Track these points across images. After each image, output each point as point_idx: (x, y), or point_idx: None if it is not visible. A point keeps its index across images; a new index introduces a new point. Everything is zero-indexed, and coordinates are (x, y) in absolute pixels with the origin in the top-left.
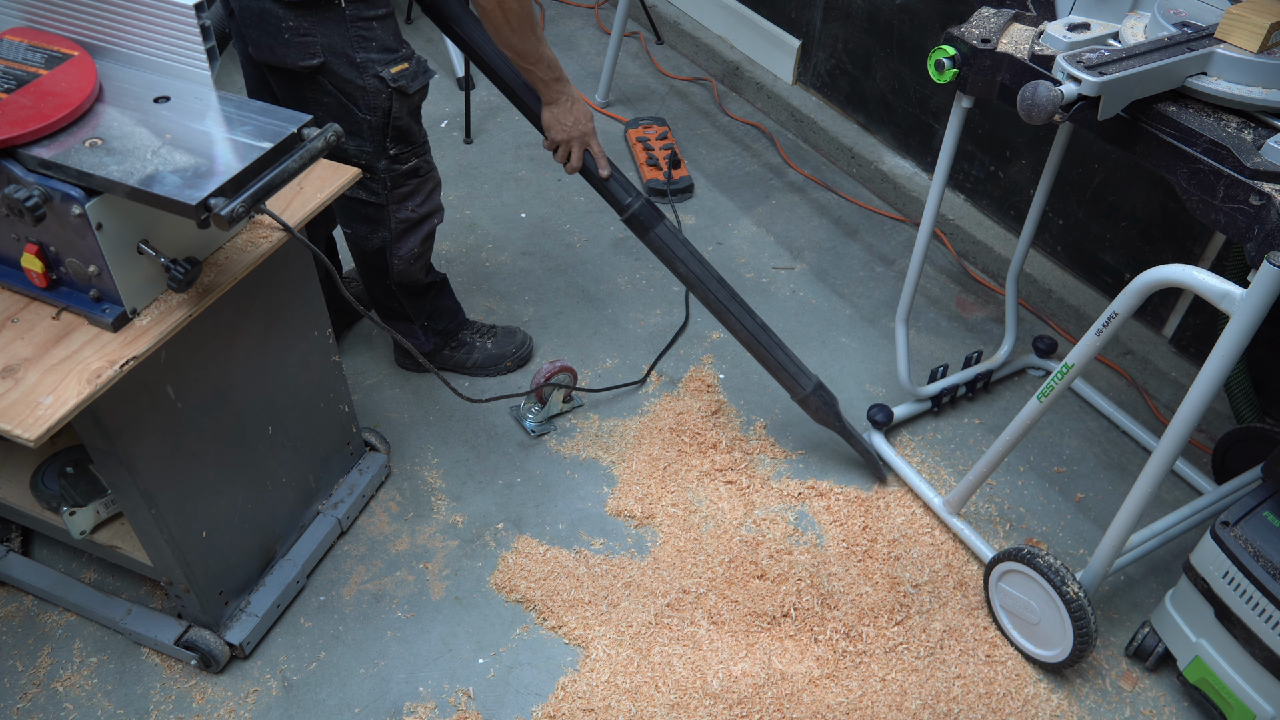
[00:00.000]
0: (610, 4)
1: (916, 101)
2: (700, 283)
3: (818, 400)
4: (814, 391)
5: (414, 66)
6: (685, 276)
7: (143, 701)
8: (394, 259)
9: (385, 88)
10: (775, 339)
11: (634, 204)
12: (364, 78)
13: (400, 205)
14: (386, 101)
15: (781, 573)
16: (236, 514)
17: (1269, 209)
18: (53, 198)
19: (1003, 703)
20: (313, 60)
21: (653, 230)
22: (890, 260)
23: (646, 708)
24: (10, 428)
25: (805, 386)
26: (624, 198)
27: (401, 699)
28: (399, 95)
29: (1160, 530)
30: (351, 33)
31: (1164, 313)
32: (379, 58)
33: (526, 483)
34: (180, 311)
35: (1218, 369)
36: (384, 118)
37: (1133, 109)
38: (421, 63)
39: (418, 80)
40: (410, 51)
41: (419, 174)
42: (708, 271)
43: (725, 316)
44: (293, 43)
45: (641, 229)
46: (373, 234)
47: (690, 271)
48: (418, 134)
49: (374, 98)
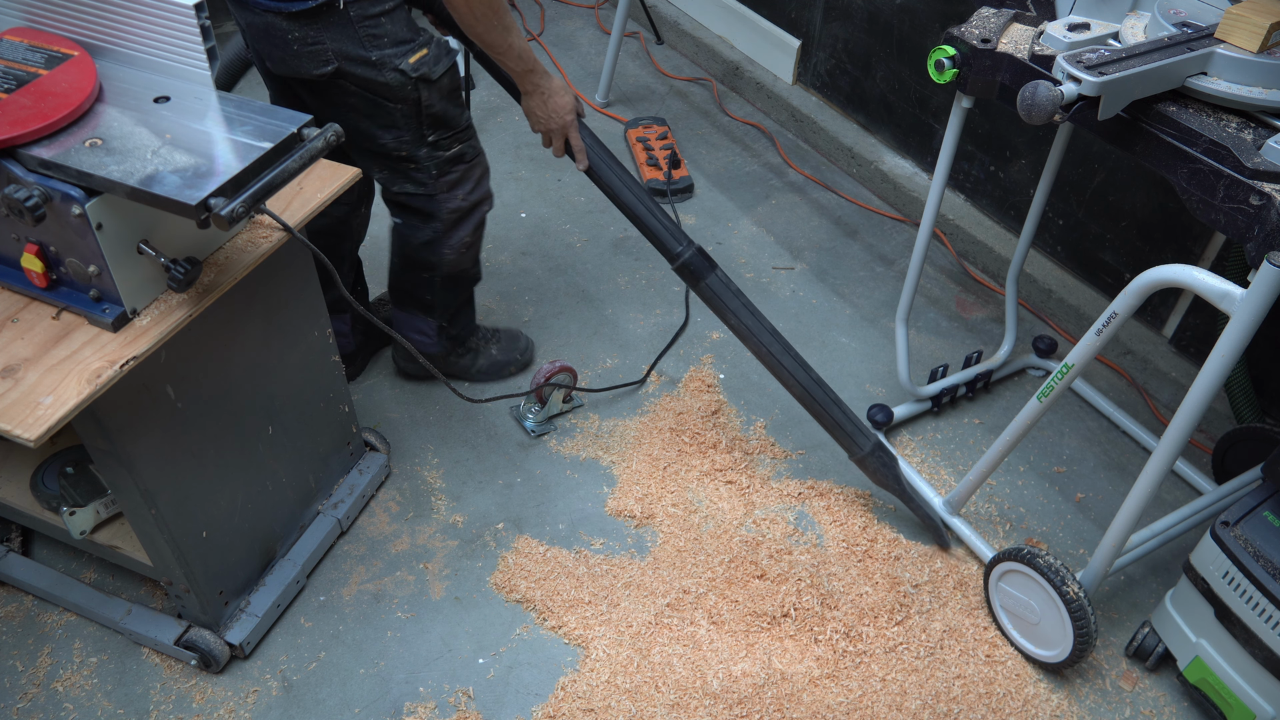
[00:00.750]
0: (610, 4)
1: (916, 101)
2: (753, 335)
3: (876, 461)
4: (873, 451)
5: (434, 50)
6: (737, 329)
7: (143, 701)
8: (445, 249)
9: (408, 79)
10: (831, 395)
11: (685, 253)
12: (384, 73)
13: (450, 194)
14: (414, 92)
15: (781, 573)
16: (236, 514)
17: (1269, 209)
18: (53, 198)
19: (1003, 703)
20: (327, 67)
21: (705, 280)
22: (890, 260)
23: (646, 708)
24: (10, 428)
25: (864, 446)
26: (675, 246)
27: (401, 699)
28: (424, 83)
29: (1160, 530)
30: (360, 33)
31: (1164, 313)
32: (394, 51)
33: (526, 483)
34: (180, 311)
35: (1218, 369)
36: (415, 106)
37: (1133, 109)
38: (443, 45)
39: (441, 63)
40: (429, 37)
41: (465, 159)
42: (760, 324)
43: (779, 371)
44: (303, 53)
45: (693, 278)
46: (423, 225)
47: (742, 324)
48: (457, 118)
49: (400, 90)
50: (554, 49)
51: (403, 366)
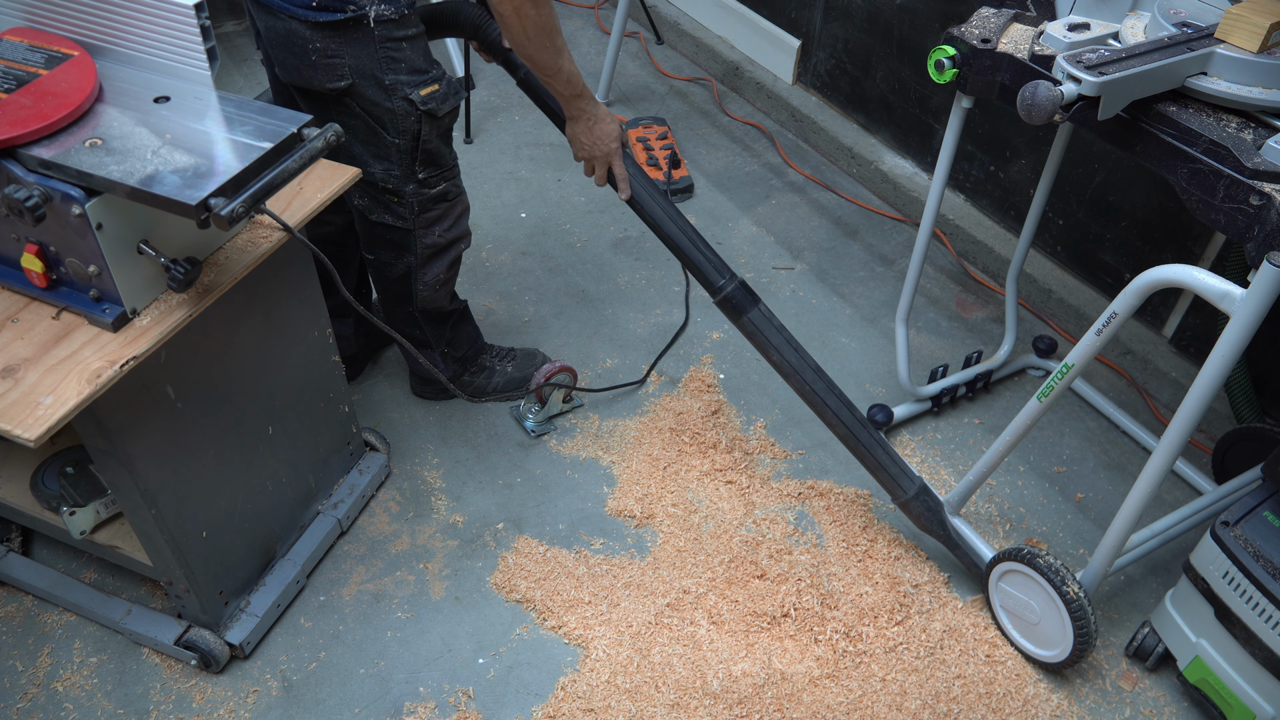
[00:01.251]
0: (610, 4)
1: (916, 101)
2: (795, 373)
3: (920, 505)
4: (917, 495)
5: (444, 88)
6: (780, 366)
7: (143, 701)
8: (419, 285)
9: (414, 110)
10: (876, 436)
11: (728, 286)
12: (393, 100)
13: (427, 230)
14: (416, 125)
15: (781, 573)
16: (236, 514)
17: (1269, 209)
18: (53, 198)
19: (1003, 703)
20: (340, 82)
21: (747, 314)
22: (890, 260)
23: (646, 708)
24: (10, 428)
25: (908, 490)
26: (717, 279)
27: (401, 699)
28: (428, 118)
29: (1160, 530)
30: (380, 54)
31: (1164, 313)
32: (408, 79)
33: (526, 483)
34: (180, 311)
35: (1218, 369)
36: (413, 140)
37: (1133, 109)
38: (453, 84)
39: (448, 102)
40: (441, 73)
41: (448, 198)
42: (804, 361)
43: (822, 410)
44: (320, 64)
45: (735, 312)
46: (398, 260)
47: (786, 361)
48: (447, 157)
49: (403, 120)
50: None
51: (418, 390)
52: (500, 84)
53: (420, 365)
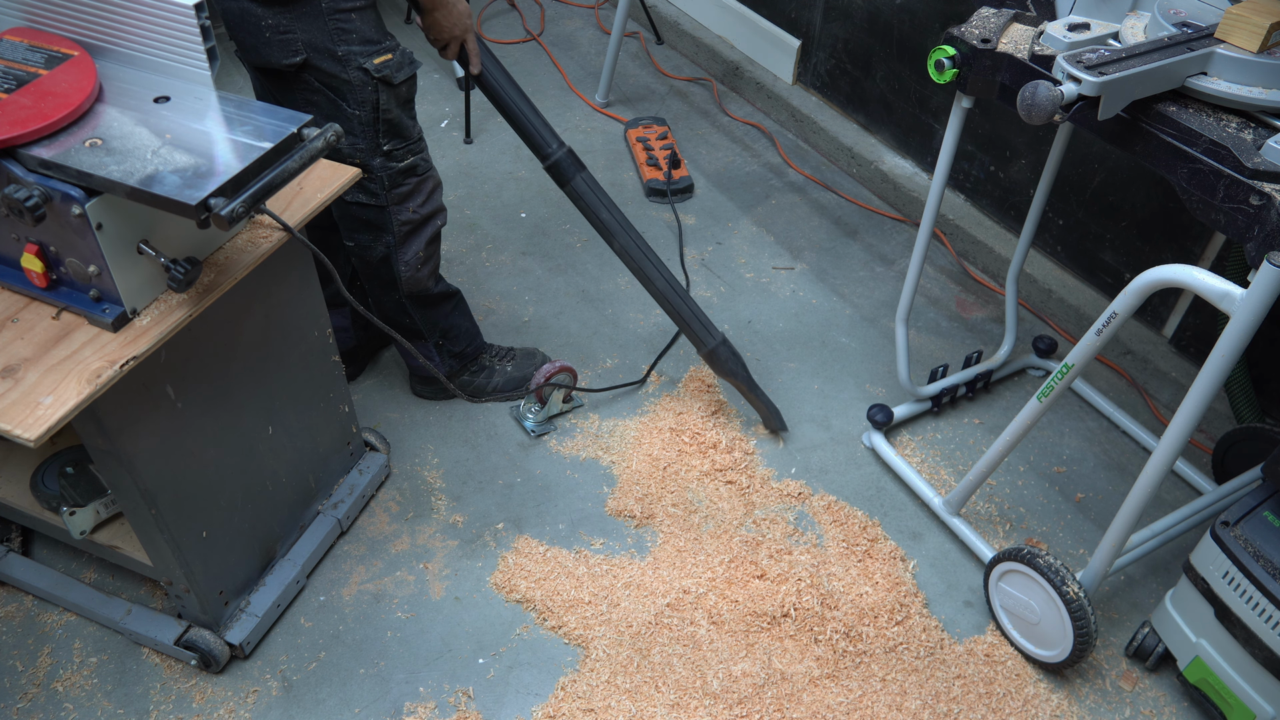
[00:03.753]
0: (610, 4)
1: (916, 101)
2: (621, 231)
3: (724, 352)
4: (719, 345)
5: (398, 57)
6: (605, 225)
7: (143, 701)
8: (400, 265)
9: (370, 79)
10: (686, 296)
11: (557, 153)
12: (348, 71)
13: (400, 206)
14: (374, 94)
15: (781, 573)
16: (236, 514)
17: (1269, 209)
18: (53, 198)
19: (1003, 703)
20: (295, 58)
21: (572, 181)
22: (890, 260)
23: (646, 708)
24: (10, 428)
25: (710, 342)
26: (547, 146)
27: (401, 699)
28: (384, 86)
29: (1160, 530)
30: (330, 26)
31: (1164, 313)
32: (360, 50)
33: (526, 483)
34: (180, 311)
35: (1218, 369)
36: (373, 111)
37: (1133, 109)
38: (407, 54)
39: (403, 70)
40: (395, 43)
41: (417, 172)
42: (623, 225)
43: (643, 266)
44: (274, 41)
45: (562, 179)
46: (376, 241)
47: (612, 219)
48: (411, 129)
49: (360, 91)
50: (554, 49)
51: (417, 390)
52: None
53: (418, 364)
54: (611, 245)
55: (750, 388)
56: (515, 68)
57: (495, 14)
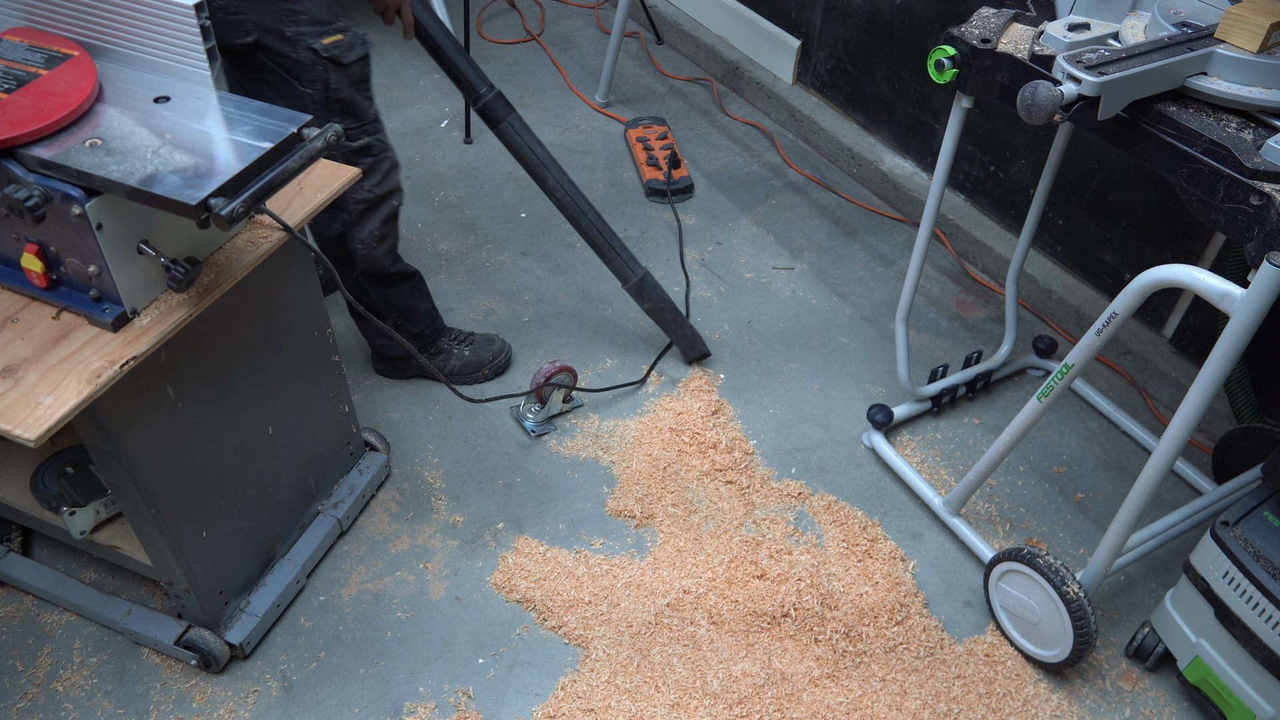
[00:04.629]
0: (610, 4)
1: (916, 101)
2: (549, 170)
3: (646, 285)
4: (641, 279)
5: (349, 38)
6: (532, 168)
7: (143, 701)
8: (355, 243)
9: (319, 59)
10: (610, 233)
11: (488, 95)
12: (297, 51)
13: (355, 185)
14: (324, 74)
15: (781, 573)
16: (236, 514)
17: (1269, 209)
18: (53, 198)
19: (1003, 703)
20: (247, 38)
21: (502, 122)
22: (890, 260)
23: (646, 708)
24: (10, 428)
25: (632, 278)
26: (479, 87)
27: (401, 699)
28: (335, 65)
29: (1160, 530)
30: (279, 7)
31: (1164, 313)
32: (310, 30)
33: (526, 483)
34: (180, 311)
35: (1218, 369)
36: (324, 90)
37: (1133, 109)
38: (358, 35)
39: (354, 51)
40: (346, 24)
41: (372, 152)
42: (552, 164)
43: (573, 203)
44: (226, 22)
45: (492, 120)
46: (333, 219)
47: (540, 159)
48: (365, 109)
49: (311, 70)
50: (554, 49)
51: (378, 368)
52: (500, 84)
53: (380, 343)
54: (543, 185)
55: (674, 317)
56: (515, 68)
57: (495, 14)
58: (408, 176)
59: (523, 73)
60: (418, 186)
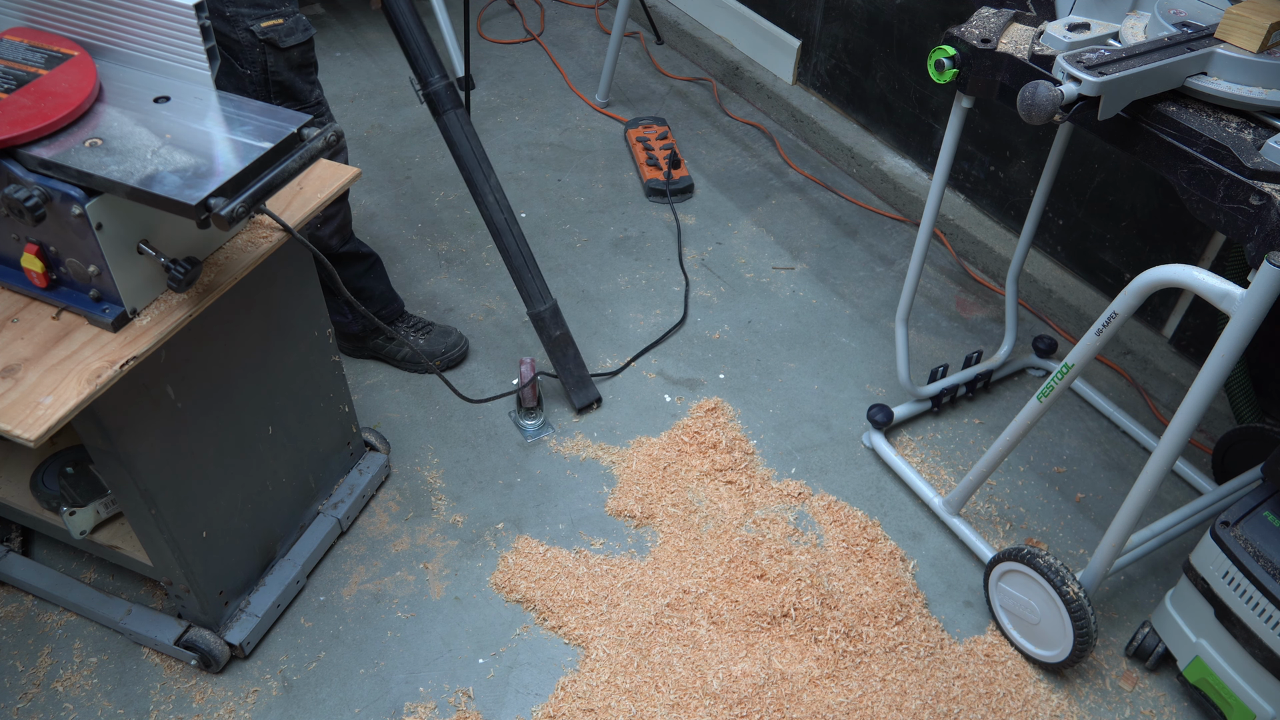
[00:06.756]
0: (610, 4)
1: (916, 101)
2: (483, 172)
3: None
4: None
5: (289, 23)
6: (469, 162)
7: (143, 701)
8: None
9: (256, 41)
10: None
11: (437, 84)
12: (236, 31)
13: None
14: (261, 56)
15: (781, 573)
16: (236, 514)
17: (1269, 209)
18: (53, 198)
19: (1003, 703)
20: None
21: (445, 114)
22: (890, 260)
23: (646, 708)
24: (10, 428)
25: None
26: (430, 73)
27: (401, 699)
28: (271, 49)
29: (1160, 530)
30: None
31: (1164, 313)
32: (249, 12)
33: (526, 483)
34: (180, 311)
35: (1218, 369)
36: (262, 72)
37: (1133, 109)
38: (300, 21)
39: (293, 36)
40: (289, 10)
41: None
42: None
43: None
44: None
45: (436, 110)
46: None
47: (476, 159)
48: (306, 93)
49: (249, 52)
50: (554, 49)
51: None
52: (500, 84)
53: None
54: (471, 185)
55: (574, 356)
56: (515, 67)
57: (495, 14)
58: (407, 176)
59: (523, 73)
60: (418, 186)
